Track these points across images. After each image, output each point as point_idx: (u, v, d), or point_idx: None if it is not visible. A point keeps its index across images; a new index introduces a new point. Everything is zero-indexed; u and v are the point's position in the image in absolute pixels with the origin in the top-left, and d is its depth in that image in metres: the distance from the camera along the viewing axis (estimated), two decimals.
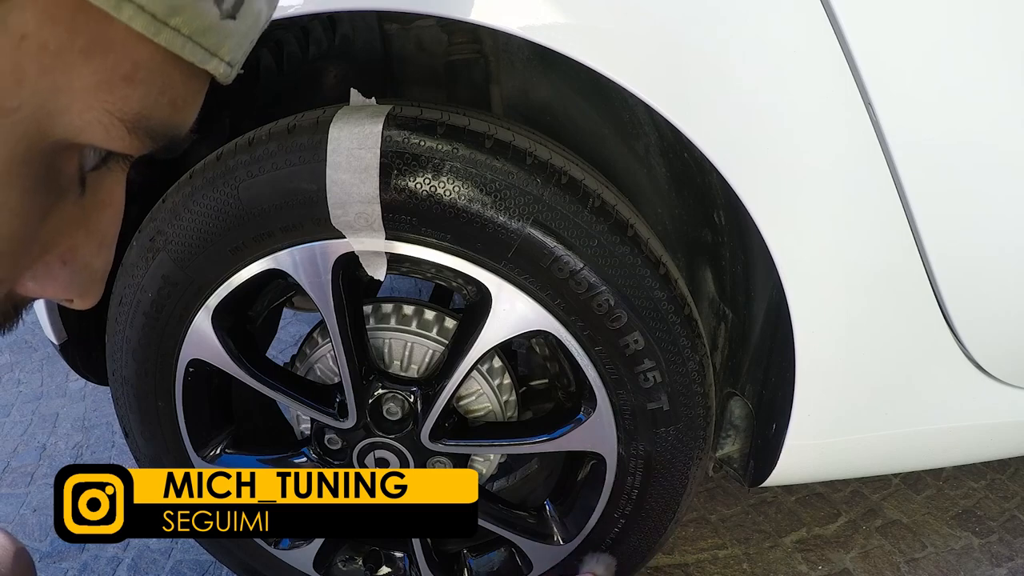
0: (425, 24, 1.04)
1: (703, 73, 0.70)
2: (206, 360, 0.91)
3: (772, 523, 1.43)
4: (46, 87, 0.24)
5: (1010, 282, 0.85)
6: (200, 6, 0.26)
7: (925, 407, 0.93)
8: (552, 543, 1.00)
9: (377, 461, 0.96)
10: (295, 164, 0.76)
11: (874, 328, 0.85)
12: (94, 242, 0.32)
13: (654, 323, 0.81)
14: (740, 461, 1.05)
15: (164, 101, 0.27)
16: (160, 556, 1.42)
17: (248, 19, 0.29)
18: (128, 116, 0.26)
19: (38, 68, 0.24)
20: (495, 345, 0.84)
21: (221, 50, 0.28)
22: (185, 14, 0.25)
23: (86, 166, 0.29)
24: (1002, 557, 1.33)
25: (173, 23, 0.25)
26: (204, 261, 0.83)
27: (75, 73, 0.25)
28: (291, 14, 0.70)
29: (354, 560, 1.13)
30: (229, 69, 0.29)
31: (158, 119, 0.28)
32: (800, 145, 0.73)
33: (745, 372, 1.01)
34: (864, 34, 0.69)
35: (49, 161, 0.27)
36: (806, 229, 0.77)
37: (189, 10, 0.25)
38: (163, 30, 0.25)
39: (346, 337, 0.87)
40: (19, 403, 1.97)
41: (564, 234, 0.76)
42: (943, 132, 0.75)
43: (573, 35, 0.68)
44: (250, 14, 0.29)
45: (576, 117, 1.10)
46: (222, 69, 0.29)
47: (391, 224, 0.77)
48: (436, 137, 0.75)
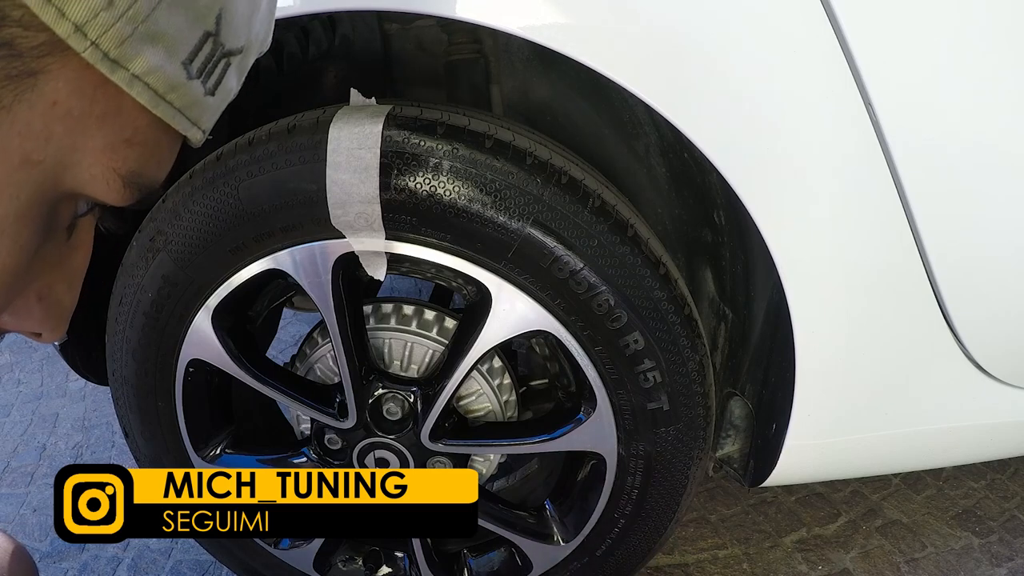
0: (425, 24, 1.04)
1: (703, 73, 0.70)
2: (206, 360, 0.91)
3: (772, 523, 1.43)
4: (67, 145, 0.29)
5: (1010, 282, 0.85)
6: (191, 84, 0.32)
7: (925, 407, 0.93)
8: (552, 543, 1.00)
9: (377, 461, 0.96)
10: (295, 164, 0.76)
11: (874, 328, 0.85)
12: (66, 281, 0.36)
13: (654, 323, 0.81)
14: (740, 461, 1.05)
15: (152, 161, 0.33)
16: (160, 556, 1.42)
17: (223, 95, 0.35)
18: (125, 173, 0.32)
19: (63, 129, 0.29)
20: (495, 345, 0.84)
21: (200, 120, 0.34)
22: (179, 91, 0.31)
23: (77, 213, 0.34)
24: (1002, 557, 1.33)
25: (169, 98, 0.31)
26: (204, 261, 0.83)
27: (90, 135, 0.30)
28: (291, 14, 0.70)
29: (354, 560, 1.13)
30: (202, 135, 0.35)
31: (146, 175, 0.33)
32: (800, 145, 0.73)
33: (745, 372, 1.01)
34: (864, 34, 0.69)
35: (53, 207, 0.31)
36: (806, 229, 0.77)
37: (182, 88, 0.31)
38: (161, 103, 0.31)
39: (346, 337, 0.87)
40: (19, 403, 1.97)
41: (564, 234, 0.76)
42: (943, 132, 0.75)
43: (573, 35, 0.68)
44: (225, 91, 0.35)
45: (576, 117, 1.10)
46: (199, 136, 0.35)
47: (391, 224, 0.77)
48: (436, 137, 0.75)
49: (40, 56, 0.27)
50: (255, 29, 0.35)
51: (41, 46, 0.26)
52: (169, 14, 0.29)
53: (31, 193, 0.29)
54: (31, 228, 0.30)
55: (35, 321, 0.36)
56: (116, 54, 0.28)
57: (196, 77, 0.32)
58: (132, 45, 0.28)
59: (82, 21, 0.26)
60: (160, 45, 0.29)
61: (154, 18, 0.28)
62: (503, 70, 1.08)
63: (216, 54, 0.32)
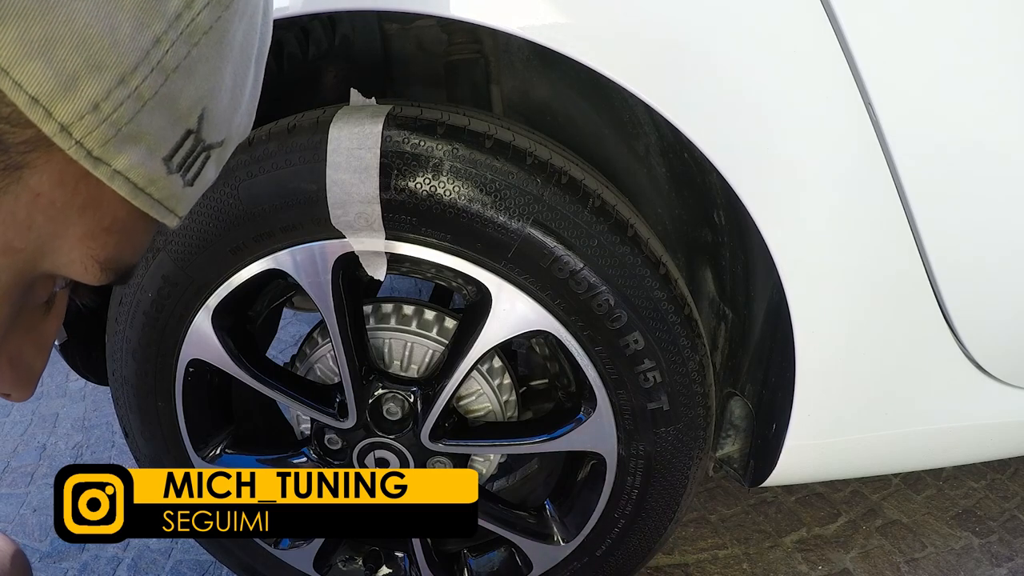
0: (425, 24, 1.04)
1: (703, 73, 0.70)
2: (206, 360, 0.91)
3: (772, 523, 1.43)
4: (48, 233, 0.30)
5: (1010, 282, 0.85)
6: (170, 178, 0.33)
7: (925, 407, 0.93)
8: (552, 543, 1.00)
9: (377, 461, 0.96)
10: (295, 164, 0.76)
11: (874, 328, 0.85)
12: (36, 345, 0.38)
13: (654, 323, 0.81)
14: (740, 461, 1.05)
15: (129, 246, 0.34)
16: (160, 556, 1.42)
17: (201, 186, 0.36)
18: (102, 258, 0.33)
19: (44, 219, 0.30)
20: (495, 345, 0.84)
21: (177, 208, 0.35)
22: (158, 184, 0.32)
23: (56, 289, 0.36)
24: (1002, 557, 1.33)
25: (148, 190, 0.32)
26: (204, 261, 0.83)
27: (71, 223, 0.31)
28: (291, 14, 0.70)
29: (354, 560, 1.13)
30: (178, 220, 0.36)
31: (122, 260, 0.34)
32: (800, 145, 0.73)
33: (745, 372, 1.01)
34: (864, 34, 0.69)
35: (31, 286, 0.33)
36: (806, 229, 0.77)
37: (161, 182, 0.32)
38: (140, 195, 0.32)
39: (346, 337, 0.87)
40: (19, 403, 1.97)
41: (564, 234, 0.76)
42: (943, 132, 0.75)
43: (573, 35, 0.68)
44: (203, 182, 0.36)
45: (576, 117, 1.10)
46: (175, 222, 0.36)
47: (391, 224, 0.77)
48: (436, 137, 0.75)
49: (26, 151, 0.28)
50: (236, 123, 0.36)
51: (27, 142, 0.27)
52: (151, 116, 0.30)
53: (10, 277, 0.31)
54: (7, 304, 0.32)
55: (5, 383, 0.37)
56: (99, 152, 0.29)
57: (176, 171, 0.33)
58: (115, 145, 0.29)
59: (68, 122, 0.27)
60: (142, 144, 0.30)
61: (137, 120, 0.29)
62: (503, 70, 1.08)
63: (196, 149, 0.33)
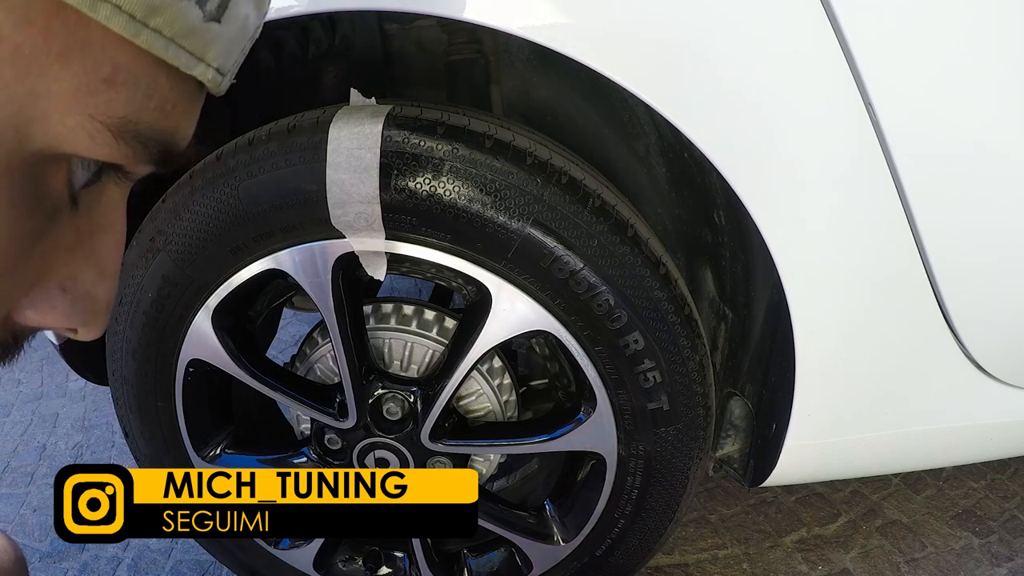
0: (425, 24, 1.04)
1: (703, 73, 0.70)
2: (206, 360, 0.91)
3: (772, 523, 1.43)
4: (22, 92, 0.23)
5: (1010, 282, 0.85)
6: (181, 6, 0.25)
7: (925, 407, 0.93)
8: (552, 543, 1.00)
9: (377, 461, 0.96)
10: (295, 164, 0.76)
11: (874, 328, 0.85)
12: (95, 270, 0.31)
13: (654, 323, 0.81)
14: (740, 461, 1.05)
15: (151, 106, 0.26)
16: (160, 556, 1.42)
17: (234, 24, 0.28)
18: (113, 121, 0.25)
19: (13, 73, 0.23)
20: (495, 345, 0.84)
21: (207, 55, 0.27)
22: (165, 14, 0.25)
23: (76, 182, 0.28)
24: (1002, 557, 1.33)
25: (153, 24, 0.24)
26: (204, 261, 0.83)
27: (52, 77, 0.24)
28: (291, 14, 0.70)
29: (354, 560, 1.13)
30: (219, 76, 0.28)
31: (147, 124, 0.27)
32: (800, 145, 0.73)
33: (745, 372, 1.01)
34: (864, 34, 0.69)
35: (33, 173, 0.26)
36: (806, 229, 0.77)
37: (169, 10, 0.25)
38: (143, 31, 0.24)
39: (346, 337, 0.87)
40: (19, 403, 1.97)
41: (564, 234, 0.76)
42: (943, 132, 0.75)
43: (573, 35, 0.68)
44: (236, 18, 0.28)
45: (576, 117, 1.10)
46: (210, 75, 0.28)
47: (391, 224, 0.77)
48: (436, 137, 0.75)
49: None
50: None
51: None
52: None
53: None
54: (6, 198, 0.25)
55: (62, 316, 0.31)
56: None
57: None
58: None
59: None
60: None
61: None
62: (503, 70, 1.08)
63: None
